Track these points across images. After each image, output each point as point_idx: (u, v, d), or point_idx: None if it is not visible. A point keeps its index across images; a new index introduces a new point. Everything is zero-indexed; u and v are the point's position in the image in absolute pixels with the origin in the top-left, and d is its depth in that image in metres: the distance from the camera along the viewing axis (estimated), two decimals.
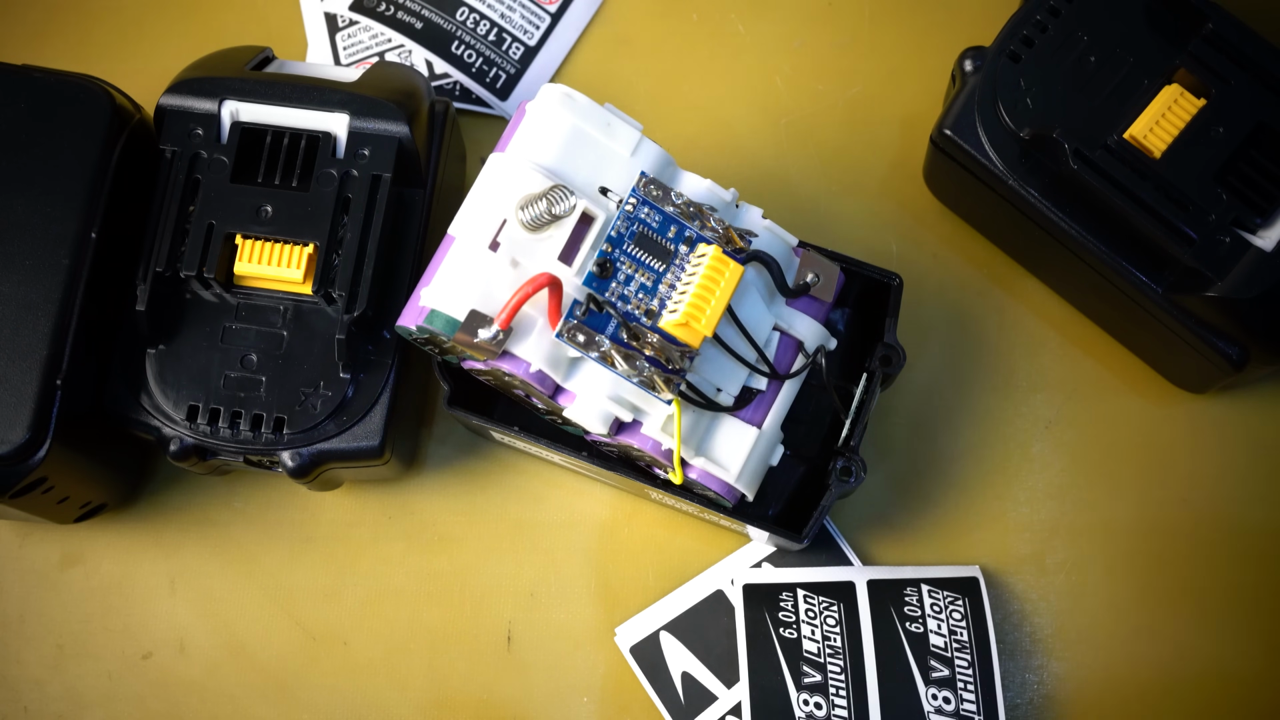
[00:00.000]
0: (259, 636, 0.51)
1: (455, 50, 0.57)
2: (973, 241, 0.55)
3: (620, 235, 0.43)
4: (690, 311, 0.42)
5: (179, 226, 0.46)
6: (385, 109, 0.47)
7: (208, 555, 0.52)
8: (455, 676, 0.51)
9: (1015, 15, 0.49)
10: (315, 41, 0.57)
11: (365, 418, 0.47)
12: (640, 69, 0.57)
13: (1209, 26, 0.48)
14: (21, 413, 0.44)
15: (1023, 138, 0.48)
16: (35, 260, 0.45)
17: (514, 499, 0.53)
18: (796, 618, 0.50)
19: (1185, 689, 0.51)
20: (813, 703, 0.49)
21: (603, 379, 0.43)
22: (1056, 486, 0.53)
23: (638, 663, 0.50)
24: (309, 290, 0.46)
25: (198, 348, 0.47)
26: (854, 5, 0.58)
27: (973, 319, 0.54)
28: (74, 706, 0.51)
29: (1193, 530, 0.52)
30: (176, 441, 0.46)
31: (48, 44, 0.58)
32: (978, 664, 0.49)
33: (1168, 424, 0.53)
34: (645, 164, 0.45)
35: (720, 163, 0.56)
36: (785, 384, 0.46)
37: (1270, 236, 0.46)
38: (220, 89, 0.48)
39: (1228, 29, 0.47)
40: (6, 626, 0.51)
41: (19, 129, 0.46)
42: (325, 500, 0.53)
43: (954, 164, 0.51)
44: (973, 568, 0.51)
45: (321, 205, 0.46)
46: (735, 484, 0.45)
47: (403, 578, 0.52)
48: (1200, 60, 0.47)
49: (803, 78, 0.57)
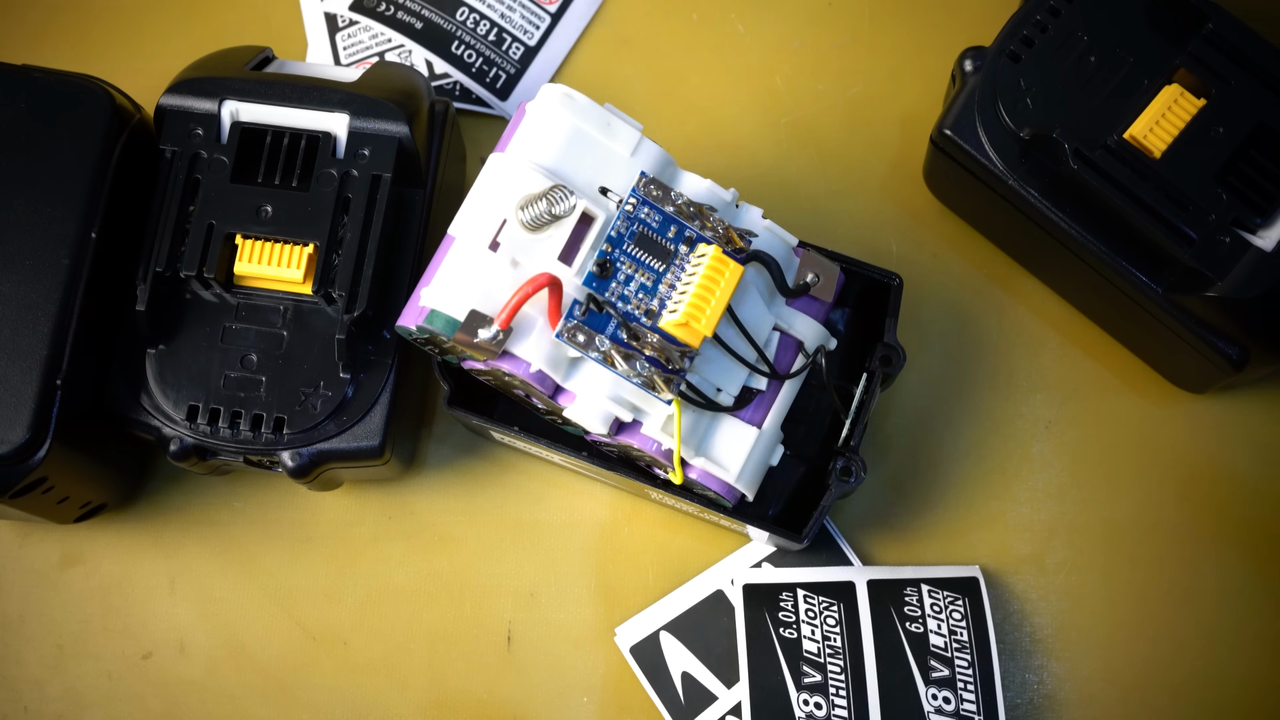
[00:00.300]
0: (259, 636, 0.51)
1: (455, 50, 0.57)
2: (973, 241, 0.55)
3: (620, 235, 0.43)
4: (690, 311, 0.42)
5: (179, 226, 0.46)
6: (385, 109, 0.47)
7: (208, 555, 0.52)
8: (455, 676, 0.51)
9: (1015, 15, 0.49)
10: (315, 41, 0.57)
11: (365, 418, 0.47)
12: (640, 69, 0.57)
13: (1209, 26, 0.48)
14: (21, 413, 0.44)
15: (1023, 138, 0.48)
16: (35, 260, 0.45)
17: (514, 499, 0.53)
18: (796, 618, 0.50)
19: (1185, 689, 0.51)
20: (813, 703, 0.49)
21: (603, 379, 0.43)
22: (1056, 486, 0.53)
23: (638, 663, 0.50)
24: (309, 290, 0.46)
25: (198, 348, 0.47)
26: (854, 5, 0.58)
27: (973, 319, 0.54)
28: (74, 706, 0.51)
29: (1193, 530, 0.52)
30: (176, 441, 0.46)
31: (48, 44, 0.58)
32: (978, 664, 0.49)
33: (1168, 424, 0.53)
34: (645, 164, 0.45)
35: (720, 163, 0.56)
36: (785, 384, 0.46)
37: (1270, 236, 0.46)
38: (220, 89, 0.48)
39: (1228, 29, 0.47)
40: (6, 626, 0.51)
41: (19, 129, 0.46)
42: (325, 500, 0.53)
43: (954, 164, 0.51)
44: (973, 568, 0.51)
45: (321, 205, 0.46)
46: (735, 484, 0.45)
47: (403, 578, 0.52)
48: (1200, 60, 0.47)
49: (803, 78, 0.57)
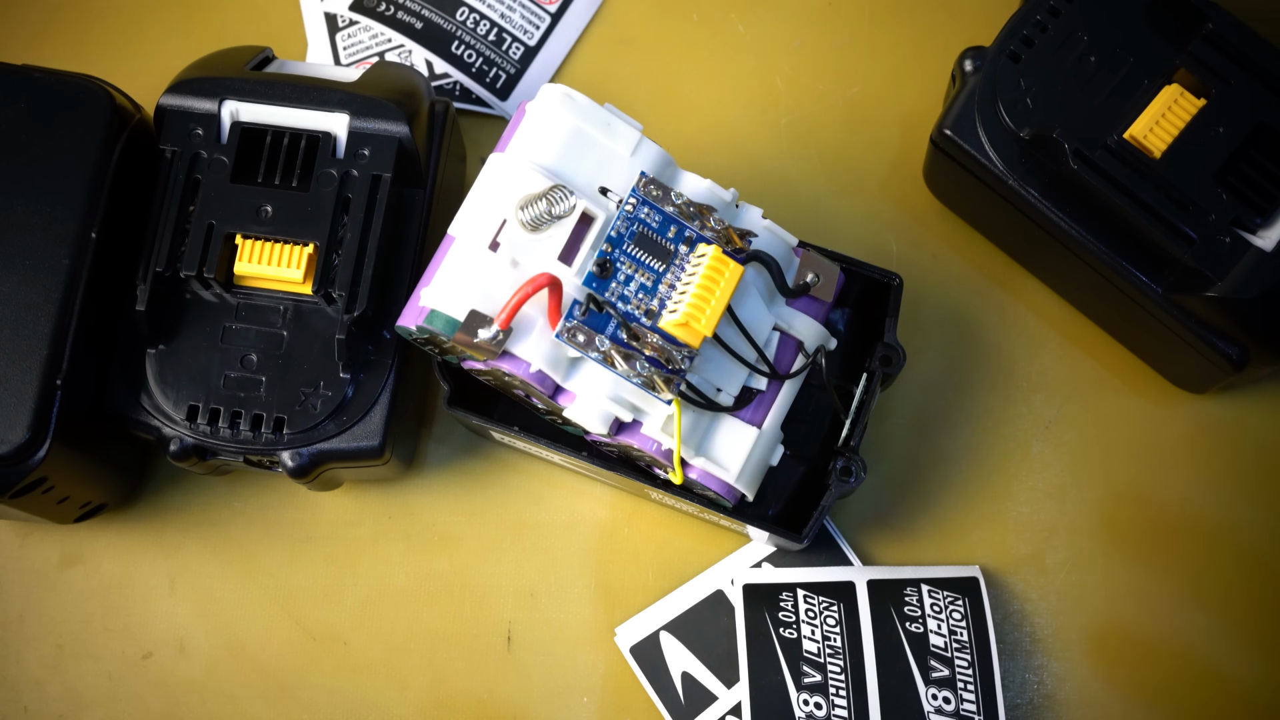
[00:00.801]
0: (259, 636, 0.51)
1: (455, 50, 0.57)
2: (973, 241, 0.55)
3: (620, 235, 0.43)
4: (690, 311, 0.42)
5: (179, 226, 0.46)
6: (385, 109, 0.47)
7: (208, 555, 0.52)
8: (455, 676, 0.51)
9: (1015, 15, 0.49)
10: (315, 41, 0.57)
11: (365, 418, 0.47)
12: (640, 69, 0.57)
13: (1209, 26, 0.48)
14: (21, 413, 0.44)
15: (1023, 138, 0.48)
16: (35, 260, 0.45)
17: (514, 499, 0.53)
18: (796, 618, 0.50)
19: (1185, 689, 0.51)
20: (813, 703, 0.49)
21: (603, 379, 0.43)
22: (1056, 486, 0.53)
23: (638, 663, 0.50)
24: (309, 290, 0.46)
25: (198, 348, 0.47)
26: (854, 5, 0.58)
27: (973, 319, 0.54)
28: (74, 706, 0.51)
29: (1193, 530, 0.52)
30: (176, 441, 0.46)
31: (48, 44, 0.58)
32: (978, 664, 0.49)
33: (1168, 424, 0.53)
34: (645, 164, 0.44)
35: (720, 163, 0.56)
36: (785, 384, 0.46)
37: (1270, 236, 0.46)
38: (220, 89, 0.48)
39: (1228, 29, 0.47)
40: (6, 626, 0.51)
41: (19, 129, 0.46)
42: (325, 500, 0.53)
43: (954, 164, 0.51)
44: (973, 568, 0.51)
45: (321, 205, 0.46)
46: (735, 484, 0.45)
47: (403, 578, 0.52)
48: (1200, 60, 0.47)
49: (803, 78, 0.57)
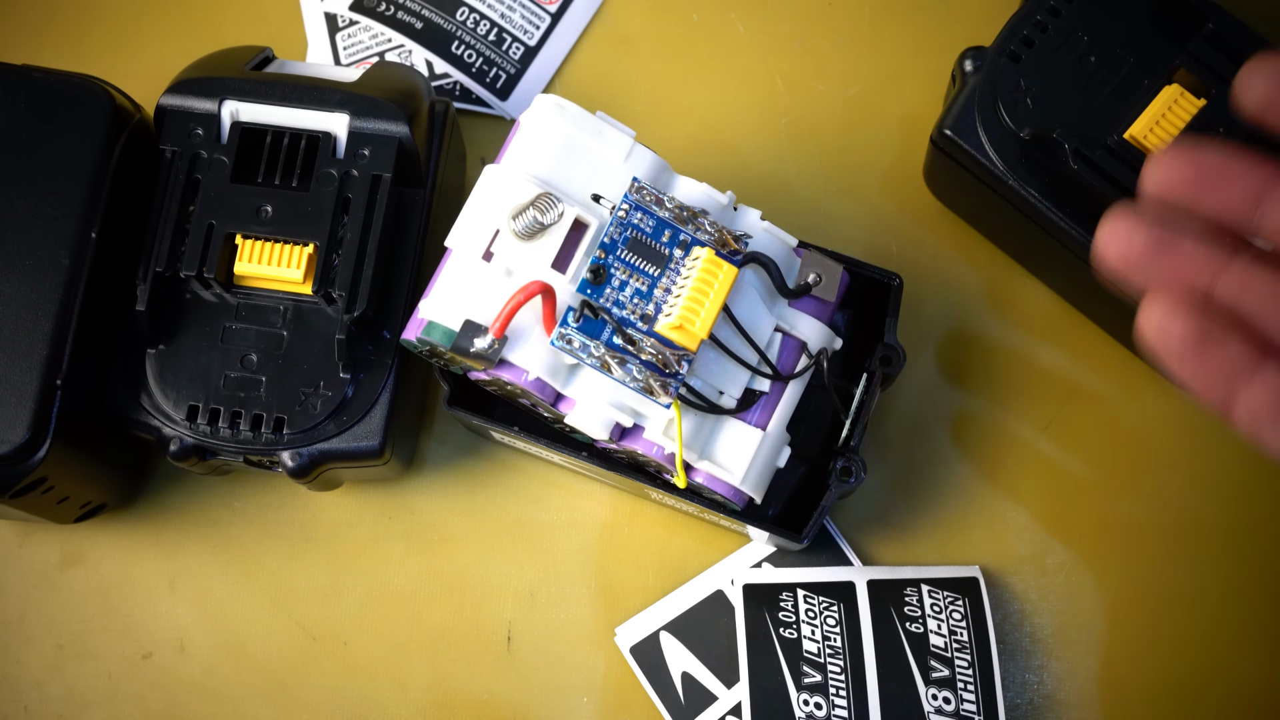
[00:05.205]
0: (259, 636, 0.51)
1: (455, 50, 0.57)
2: (973, 241, 0.55)
3: (613, 241, 0.43)
4: (685, 315, 0.42)
5: (179, 226, 0.46)
6: (385, 109, 0.47)
7: (208, 555, 0.52)
8: (455, 676, 0.51)
9: (1015, 15, 0.49)
10: (315, 41, 0.57)
11: (365, 418, 0.47)
12: (640, 69, 0.57)
13: (1209, 26, 0.47)
14: (21, 413, 0.44)
15: (1023, 138, 0.48)
16: (35, 260, 0.45)
17: (514, 499, 0.53)
18: (796, 618, 0.50)
19: (1185, 689, 0.51)
20: (813, 703, 0.49)
21: (602, 385, 0.43)
22: (1057, 487, 0.52)
23: (638, 663, 0.50)
24: (309, 290, 0.46)
25: (198, 348, 0.47)
26: (854, 5, 0.58)
27: (973, 319, 0.54)
28: (74, 706, 0.51)
29: (1193, 530, 0.52)
30: (176, 441, 0.46)
31: (48, 44, 0.58)
32: (978, 664, 0.49)
33: (1168, 424, 0.53)
34: (638, 170, 0.45)
35: (720, 163, 0.56)
36: (789, 385, 0.46)
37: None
38: (220, 89, 0.48)
39: (1228, 29, 0.47)
40: (6, 626, 0.51)
41: (19, 129, 0.46)
42: (325, 500, 0.53)
43: (954, 164, 0.51)
44: (973, 568, 0.51)
45: (321, 205, 0.46)
46: (741, 486, 0.45)
47: (403, 578, 0.52)
48: (1200, 60, 0.47)
49: (803, 78, 0.57)
